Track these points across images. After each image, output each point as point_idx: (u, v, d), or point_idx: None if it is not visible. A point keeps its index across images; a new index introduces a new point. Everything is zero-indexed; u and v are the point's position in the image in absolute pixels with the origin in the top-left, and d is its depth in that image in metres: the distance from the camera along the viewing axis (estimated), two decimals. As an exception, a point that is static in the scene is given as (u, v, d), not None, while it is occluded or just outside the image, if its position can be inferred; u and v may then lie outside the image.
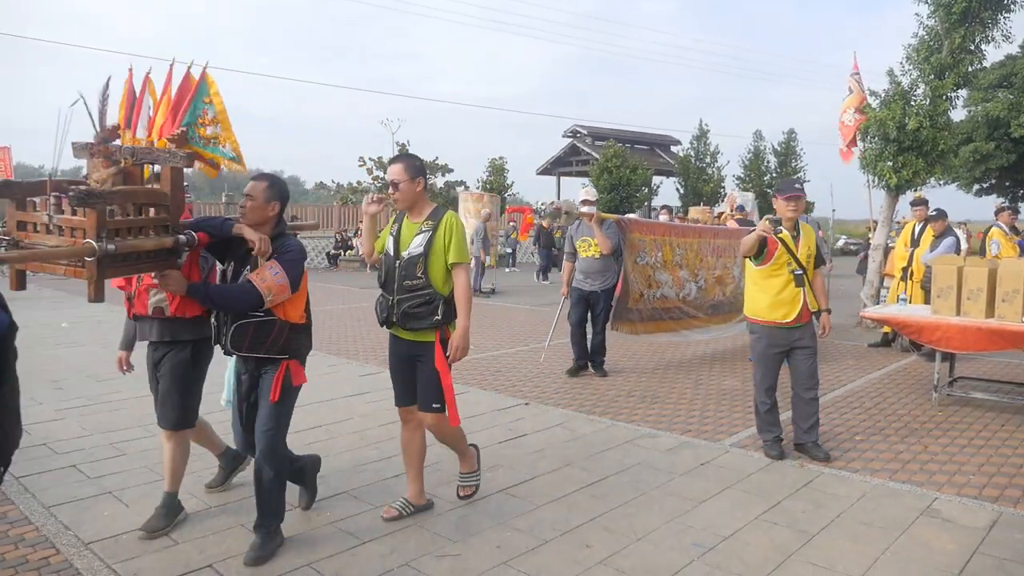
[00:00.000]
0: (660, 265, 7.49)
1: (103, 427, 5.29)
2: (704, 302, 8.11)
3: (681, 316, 7.82)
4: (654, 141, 39.02)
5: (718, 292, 8.34)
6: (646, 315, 7.37)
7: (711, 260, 8.23)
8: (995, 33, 9.83)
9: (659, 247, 7.50)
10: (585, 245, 7.02)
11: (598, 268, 6.99)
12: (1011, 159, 25.23)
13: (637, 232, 7.30)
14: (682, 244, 7.81)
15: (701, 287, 8.05)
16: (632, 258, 7.16)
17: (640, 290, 7.26)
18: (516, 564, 3.30)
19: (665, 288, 7.57)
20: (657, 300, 7.47)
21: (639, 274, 7.25)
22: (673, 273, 7.66)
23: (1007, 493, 4.19)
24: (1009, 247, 8.73)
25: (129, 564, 3.26)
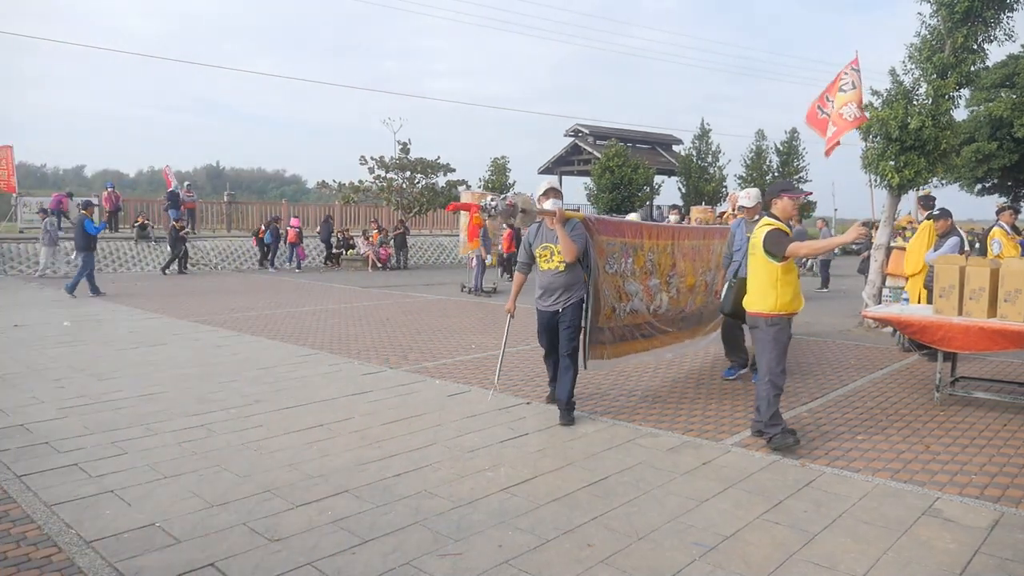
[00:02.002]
0: (631, 273, 6.26)
1: (105, 426, 5.30)
2: (674, 315, 6.99)
3: (651, 333, 6.61)
4: (656, 140, 39.00)
5: (688, 302, 7.23)
6: (616, 334, 6.10)
7: (683, 265, 7.11)
8: (998, 32, 9.83)
9: (629, 252, 6.26)
10: (547, 254, 5.48)
11: (563, 282, 5.49)
12: (1013, 159, 25.18)
13: (606, 234, 5.95)
14: (654, 248, 6.62)
15: (672, 297, 6.94)
16: (602, 265, 5.84)
17: (612, 304, 6.00)
18: (518, 563, 3.30)
19: (635, 301, 6.33)
20: (627, 316, 6.23)
21: (610, 285, 5.97)
22: (643, 282, 6.45)
23: (1009, 493, 4.18)
24: (1011, 247, 8.72)
25: (131, 563, 3.26)
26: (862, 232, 4.78)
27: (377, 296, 14.85)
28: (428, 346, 8.81)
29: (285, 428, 5.29)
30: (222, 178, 70.60)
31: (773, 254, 4.89)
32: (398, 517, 3.79)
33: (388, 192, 26.70)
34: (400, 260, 23.36)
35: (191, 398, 6.14)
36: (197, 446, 4.89)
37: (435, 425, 5.40)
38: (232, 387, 6.54)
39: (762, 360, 4.98)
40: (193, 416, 5.57)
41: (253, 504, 3.93)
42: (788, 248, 4.85)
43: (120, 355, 7.97)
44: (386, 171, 26.94)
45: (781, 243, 4.86)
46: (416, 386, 6.66)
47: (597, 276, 5.77)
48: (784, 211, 5.10)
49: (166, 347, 8.53)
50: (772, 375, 4.94)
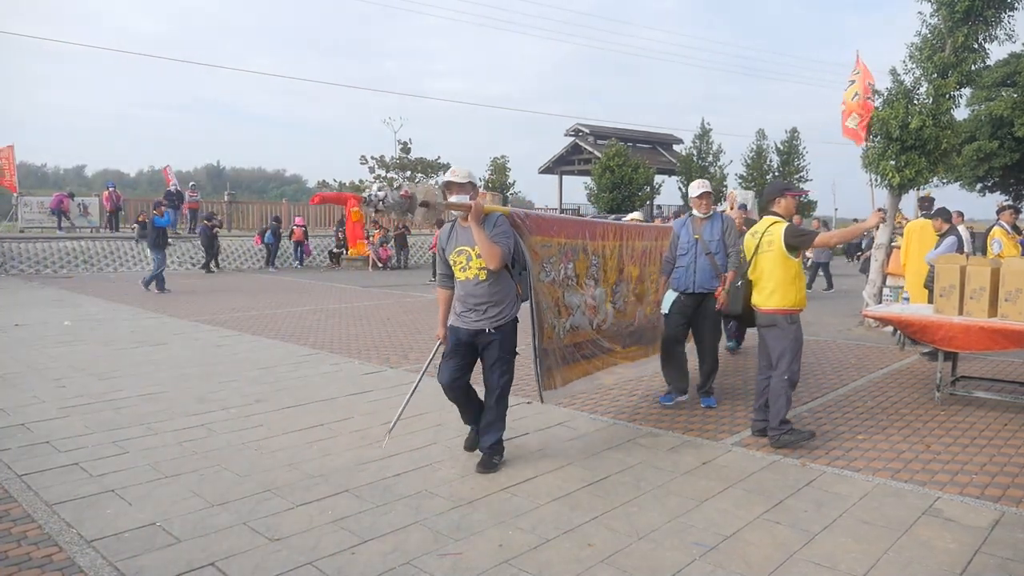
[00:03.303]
0: (572, 282, 5.16)
1: (105, 425, 5.30)
2: (622, 329, 5.89)
3: (596, 352, 5.47)
4: (656, 140, 39.01)
5: (638, 314, 6.12)
6: (557, 357, 5.00)
7: (631, 270, 6.03)
8: (998, 31, 9.82)
9: (569, 255, 5.13)
10: (462, 260, 4.36)
11: (486, 294, 4.34)
12: (1014, 158, 25.16)
13: (539, 233, 4.80)
14: (599, 250, 5.53)
15: (619, 308, 5.83)
16: (536, 272, 4.74)
17: (551, 321, 4.87)
18: (518, 563, 3.30)
19: (577, 315, 5.21)
20: (568, 334, 5.11)
21: (547, 297, 4.86)
22: (586, 292, 5.35)
23: (1009, 493, 4.18)
24: (1011, 246, 8.72)
25: (131, 562, 3.26)
26: (881, 216, 5.03)
27: (378, 296, 14.86)
28: (429, 346, 8.81)
29: (285, 428, 5.30)
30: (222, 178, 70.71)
31: (796, 248, 4.94)
32: (398, 517, 3.79)
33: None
34: (401, 260, 23.38)
35: (191, 398, 6.14)
36: (197, 446, 4.89)
37: (435, 425, 5.40)
38: (232, 387, 6.54)
39: (782, 358, 5.00)
40: (193, 416, 5.58)
41: (253, 504, 3.93)
42: (817, 238, 5.08)
43: (121, 355, 7.97)
44: (386, 171, 26.99)
45: (806, 235, 5.03)
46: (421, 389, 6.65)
47: (534, 287, 4.67)
48: (788, 210, 5.17)
49: (167, 347, 8.53)
50: (791, 373, 5.02)
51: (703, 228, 5.91)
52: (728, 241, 5.88)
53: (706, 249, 5.83)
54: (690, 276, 5.87)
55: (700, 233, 5.90)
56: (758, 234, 5.15)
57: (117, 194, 23.66)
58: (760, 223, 5.25)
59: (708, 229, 5.90)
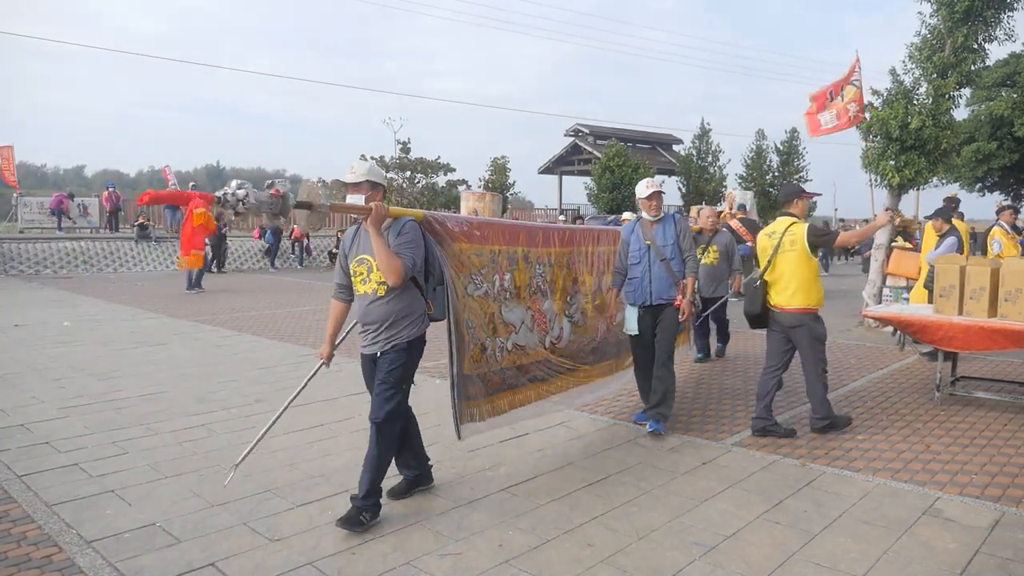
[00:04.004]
0: (510, 295, 4.58)
1: (105, 426, 5.30)
2: (583, 345, 5.40)
3: (550, 374, 4.97)
4: (656, 140, 39.02)
5: (601, 327, 5.62)
6: (492, 384, 4.42)
7: (590, 280, 5.50)
8: (998, 32, 9.83)
9: (505, 264, 4.54)
10: (362, 271, 3.78)
11: (383, 314, 3.72)
12: (1014, 158, 25.17)
13: (465, 240, 4.22)
14: (545, 257, 4.97)
15: (577, 323, 5.31)
16: (460, 285, 4.16)
17: (481, 341, 4.31)
18: (518, 563, 3.30)
19: (521, 332, 4.65)
20: (509, 355, 4.55)
21: (476, 314, 4.27)
22: (533, 305, 4.78)
23: (1009, 493, 4.18)
24: (1011, 246, 8.72)
25: (131, 562, 3.26)
26: (890, 215, 5.34)
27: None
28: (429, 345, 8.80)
29: (286, 428, 5.29)
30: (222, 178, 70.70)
31: (818, 247, 5.14)
32: (398, 517, 3.79)
33: (388, 192, 26.74)
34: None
35: (191, 398, 6.14)
36: (198, 446, 4.89)
37: (436, 424, 5.39)
38: (232, 387, 6.54)
39: (813, 356, 5.20)
40: (193, 416, 5.58)
41: (253, 504, 3.93)
42: (839, 238, 5.37)
43: (120, 355, 7.97)
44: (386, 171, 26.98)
45: (828, 235, 5.33)
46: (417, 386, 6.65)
47: (455, 303, 4.09)
48: (802, 211, 5.39)
49: (166, 347, 8.53)
50: (823, 365, 5.28)
51: (655, 232, 5.35)
52: (684, 245, 5.35)
53: (660, 255, 5.27)
54: (645, 287, 5.27)
55: (652, 238, 5.33)
56: (776, 234, 5.21)
57: (117, 194, 23.67)
58: (776, 223, 5.33)
59: (660, 233, 5.34)
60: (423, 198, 27.30)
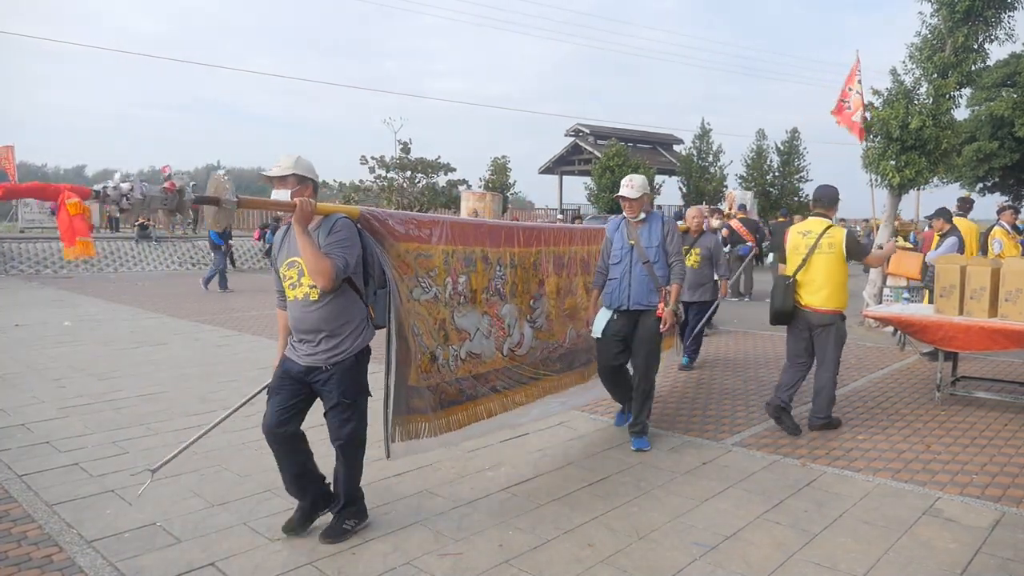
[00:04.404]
0: (465, 298, 4.24)
1: (105, 425, 5.30)
2: (548, 352, 5.01)
3: (510, 385, 4.59)
4: (657, 140, 39.03)
5: (570, 332, 5.23)
6: (445, 395, 4.07)
7: (557, 281, 5.11)
8: (998, 32, 9.83)
9: (460, 266, 4.19)
10: (292, 274, 3.46)
11: (320, 319, 3.40)
12: (1014, 158, 25.14)
13: (411, 240, 3.85)
14: (507, 258, 4.60)
15: (541, 328, 4.92)
16: (404, 288, 3.80)
17: (430, 349, 3.96)
18: (518, 563, 3.30)
19: (476, 339, 4.30)
20: (464, 363, 4.20)
21: (423, 320, 3.93)
22: (490, 310, 4.43)
23: (1010, 493, 4.18)
24: (1012, 246, 8.71)
25: (132, 562, 3.26)
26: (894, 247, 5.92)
27: (378, 296, 14.82)
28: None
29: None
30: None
31: (851, 256, 5.27)
32: (398, 517, 3.79)
33: (389, 192, 26.74)
34: None
35: (192, 398, 6.14)
36: (198, 446, 4.88)
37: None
38: (233, 387, 6.54)
39: (833, 356, 5.31)
40: (194, 416, 5.57)
41: (253, 504, 3.93)
42: (868, 256, 5.57)
43: (120, 355, 7.97)
44: (387, 171, 26.99)
45: (861, 248, 5.44)
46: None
47: (398, 308, 3.74)
48: (834, 215, 5.52)
49: (167, 347, 8.53)
50: (836, 373, 5.38)
51: (640, 232, 4.97)
52: (670, 248, 4.95)
53: (643, 257, 4.88)
54: (623, 290, 4.90)
55: (636, 238, 4.95)
56: (812, 234, 5.28)
57: (117, 194, 23.64)
58: (811, 223, 5.39)
59: (646, 233, 4.96)
60: (423, 198, 27.29)
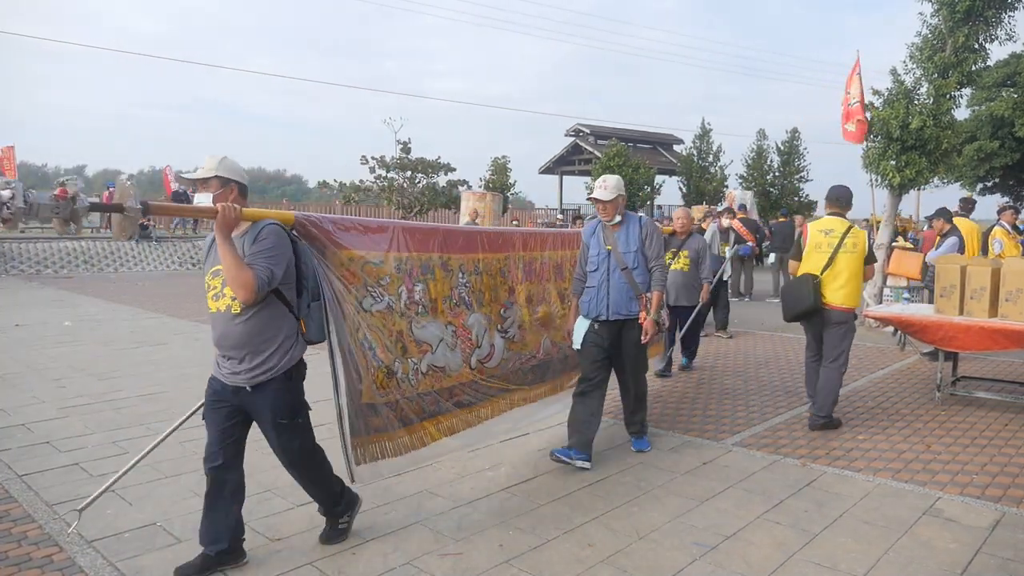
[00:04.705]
0: (423, 308, 3.93)
1: (105, 425, 5.30)
2: (521, 363, 4.72)
3: (481, 398, 4.31)
4: (657, 140, 38.99)
5: (544, 342, 4.94)
6: (406, 412, 3.78)
7: (528, 287, 4.83)
8: (999, 32, 9.83)
9: (415, 274, 3.90)
10: (217, 284, 3.17)
11: (241, 335, 3.10)
12: (1015, 158, 25.13)
13: (357, 247, 3.57)
14: (469, 265, 4.32)
15: (512, 338, 4.63)
16: (352, 299, 3.52)
17: (386, 363, 3.68)
18: (518, 563, 3.30)
19: (439, 351, 4.01)
20: (425, 378, 3.90)
21: (375, 332, 3.63)
22: (455, 320, 4.16)
23: (1010, 493, 4.18)
24: (1012, 246, 8.71)
25: (132, 562, 3.26)
26: None
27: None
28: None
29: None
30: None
31: (868, 261, 5.49)
32: (399, 516, 3.79)
33: (389, 192, 26.73)
34: None
35: (192, 397, 6.11)
36: (198, 446, 4.86)
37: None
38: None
39: (845, 352, 5.42)
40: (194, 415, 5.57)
41: (254, 504, 3.93)
42: (874, 264, 5.78)
43: (121, 355, 7.97)
44: (387, 171, 26.97)
45: (873, 256, 5.68)
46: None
47: (341, 321, 3.45)
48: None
49: (167, 347, 8.53)
50: (847, 364, 5.53)
51: (617, 236, 4.67)
52: (649, 252, 4.66)
53: (621, 263, 4.60)
54: (602, 299, 4.61)
55: (613, 242, 4.64)
56: (835, 233, 5.39)
57: (118, 194, 23.65)
58: (831, 222, 5.49)
59: (624, 238, 4.66)
60: (423, 198, 27.28)
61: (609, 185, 4.65)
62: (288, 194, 62.71)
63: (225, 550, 3.20)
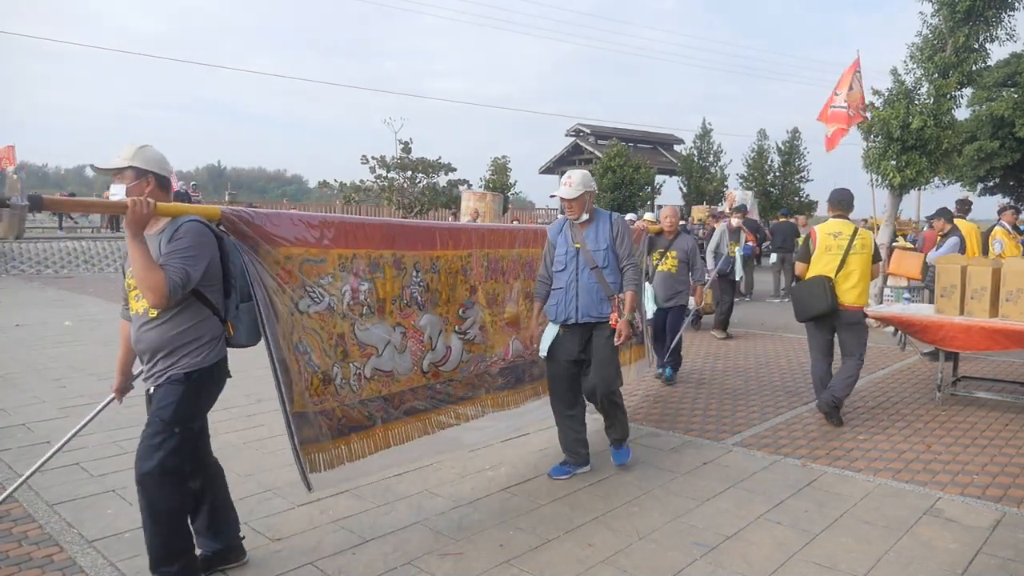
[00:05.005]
0: (368, 309, 3.66)
1: (105, 425, 5.29)
2: (486, 366, 4.46)
3: (434, 405, 4.04)
4: (657, 140, 39.02)
5: (513, 344, 4.68)
6: (352, 419, 3.53)
7: (494, 287, 4.57)
8: (999, 31, 9.84)
9: (361, 272, 3.63)
10: (136, 284, 2.91)
11: (156, 339, 2.89)
12: (1015, 158, 25.13)
13: (292, 245, 3.31)
14: (426, 262, 4.04)
15: (472, 339, 4.35)
16: (287, 300, 3.27)
17: (323, 368, 3.41)
18: (519, 563, 3.30)
19: (387, 355, 3.74)
20: (369, 383, 3.64)
21: (312, 335, 3.39)
22: (404, 321, 3.87)
23: (1011, 493, 4.18)
24: (1012, 246, 8.71)
25: (132, 562, 3.26)
26: None
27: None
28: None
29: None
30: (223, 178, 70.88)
31: (875, 259, 5.63)
32: (399, 517, 3.79)
33: (389, 192, 26.76)
34: None
35: (192, 398, 6.13)
36: (198, 446, 4.89)
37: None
38: (233, 386, 6.53)
39: (860, 348, 5.57)
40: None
41: (254, 503, 3.93)
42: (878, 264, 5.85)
43: (121, 355, 7.96)
44: (387, 171, 27.00)
45: (878, 255, 5.77)
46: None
47: (274, 324, 3.20)
48: None
49: (167, 347, 8.51)
50: (863, 358, 5.64)
51: (586, 234, 4.36)
52: (620, 251, 4.34)
53: (591, 262, 4.28)
54: (570, 300, 4.28)
55: (582, 241, 4.35)
56: (843, 235, 5.51)
57: (118, 194, 23.69)
58: (838, 224, 5.59)
59: (593, 235, 4.35)
60: (424, 198, 27.31)
61: (574, 181, 4.33)
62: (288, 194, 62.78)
63: (221, 550, 3.17)
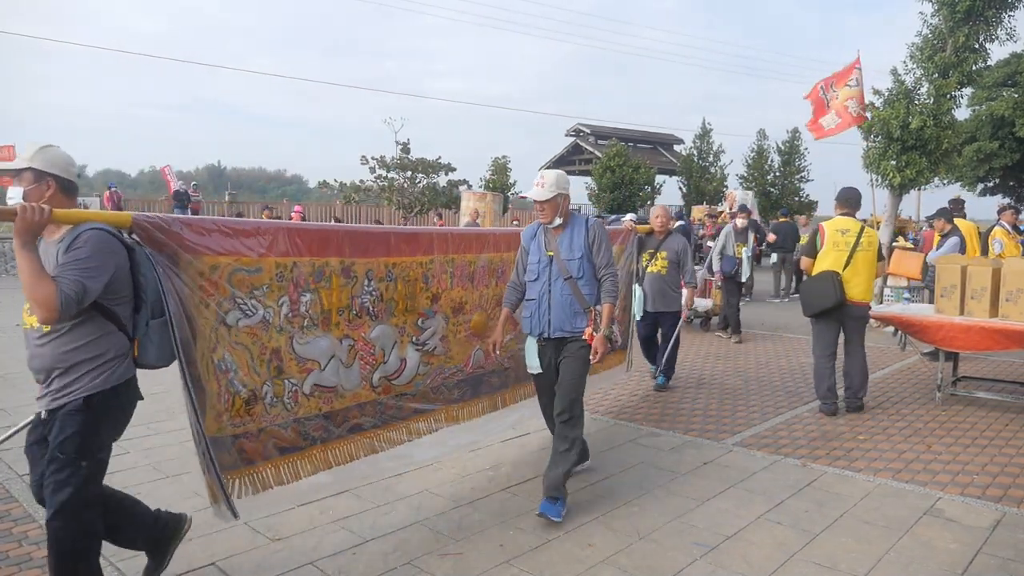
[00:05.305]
0: (310, 321, 3.39)
1: (106, 425, 5.30)
2: (444, 378, 4.17)
3: (383, 421, 3.77)
4: (657, 140, 39.03)
5: (475, 355, 4.37)
6: (280, 440, 3.28)
7: (460, 294, 4.26)
8: (999, 31, 9.84)
9: (303, 279, 3.35)
10: None
11: (47, 359, 2.76)
12: (1015, 158, 25.14)
13: (219, 254, 3.03)
14: (381, 270, 3.74)
15: (431, 350, 4.07)
16: (210, 315, 3.01)
17: (249, 387, 3.15)
18: (519, 563, 3.30)
19: (330, 369, 3.48)
20: (309, 400, 3.39)
21: (239, 351, 3.12)
22: (353, 333, 3.60)
23: (1011, 493, 4.18)
24: (1012, 246, 8.71)
25: (132, 562, 3.27)
26: None
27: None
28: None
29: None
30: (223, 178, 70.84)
31: (880, 257, 5.84)
32: (399, 517, 3.80)
33: (389, 192, 26.76)
34: None
35: (192, 398, 6.13)
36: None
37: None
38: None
39: (862, 340, 5.81)
40: (194, 416, 5.57)
41: (252, 503, 3.92)
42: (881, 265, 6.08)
43: (121, 355, 7.96)
44: (387, 171, 27.00)
45: (881, 253, 5.99)
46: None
47: (189, 341, 2.97)
48: None
49: (167, 347, 8.51)
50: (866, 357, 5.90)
51: (560, 241, 3.99)
52: (598, 260, 3.98)
53: (564, 272, 3.92)
54: (543, 313, 3.95)
55: (555, 248, 3.98)
56: (851, 232, 5.67)
57: (118, 194, 23.67)
58: (845, 222, 5.76)
59: (567, 242, 3.98)
60: (424, 198, 27.31)
61: (547, 182, 3.95)
62: (288, 194, 62.76)
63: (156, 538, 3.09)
